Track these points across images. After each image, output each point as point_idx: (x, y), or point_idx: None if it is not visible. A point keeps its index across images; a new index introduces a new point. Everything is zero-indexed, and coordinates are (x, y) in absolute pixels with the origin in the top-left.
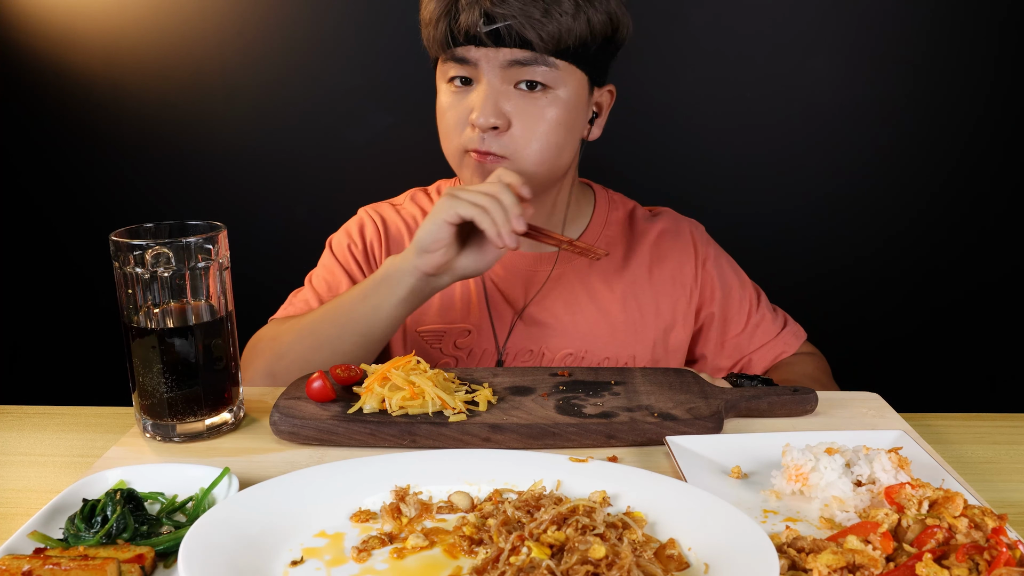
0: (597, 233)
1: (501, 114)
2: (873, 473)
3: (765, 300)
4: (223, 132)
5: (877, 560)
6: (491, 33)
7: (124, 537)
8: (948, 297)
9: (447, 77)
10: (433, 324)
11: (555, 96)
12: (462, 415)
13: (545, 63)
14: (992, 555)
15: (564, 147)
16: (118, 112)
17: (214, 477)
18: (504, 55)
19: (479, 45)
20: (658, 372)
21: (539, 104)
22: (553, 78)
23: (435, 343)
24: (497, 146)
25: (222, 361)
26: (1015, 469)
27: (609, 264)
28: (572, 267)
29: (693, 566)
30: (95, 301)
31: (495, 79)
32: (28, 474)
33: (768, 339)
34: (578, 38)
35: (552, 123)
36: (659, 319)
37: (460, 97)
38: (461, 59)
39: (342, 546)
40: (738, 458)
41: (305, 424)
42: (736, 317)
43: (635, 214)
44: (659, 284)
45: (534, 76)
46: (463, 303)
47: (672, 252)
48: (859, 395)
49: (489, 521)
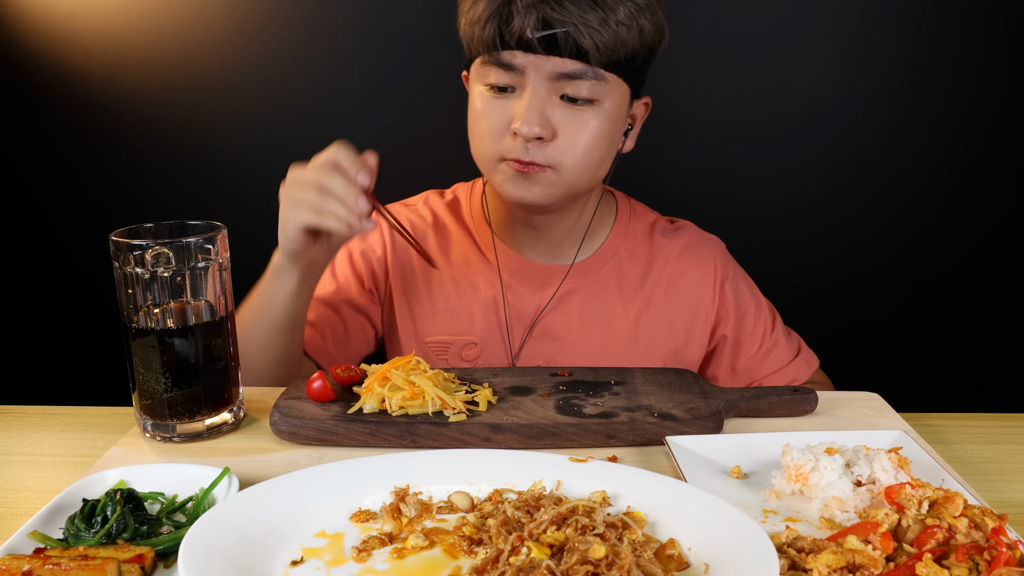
0: (616, 244)
1: (547, 124)
2: (873, 473)
3: (780, 323)
4: (223, 132)
5: (877, 560)
6: (544, 40)
7: (124, 537)
8: (949, 296)
9: (485, 81)
10: (440, 335)
11: (600, 109)
12: (462, 415)
13: (595, 76)
14: (992, 555)
15: (605, 159)
16: (118, 112)
17: (214, 477)
18: (554, 65)
19: (528, 51)
20: (658, 372)
21: (584, 116)
22: (600, 91)
23: (441, 354)
24: (542, 156)
25: (222, 361)
26: (1015, 469)
27: (626, 279)
28: (588, 281)
29: (693, 566)
30: (95, 301)
31: (541, 88)
32: (28, 474)
33: (780, 366)
34: (630, 49)
35: (596, 135)
36: (670, 338)
37: (499, 104)
38: (506, 64)
39: (342, 546)
40: (738, 458)
41: (305, 424)
42: (750, 340)
43: (656, 227)
44: (674, 303)
45: (579, 92)
46: (473, 315)
47: (691, 271)
48: (859, 395)
49: (489, 521)
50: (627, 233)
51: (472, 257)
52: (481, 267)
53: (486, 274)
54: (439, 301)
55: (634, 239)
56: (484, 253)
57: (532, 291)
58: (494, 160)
